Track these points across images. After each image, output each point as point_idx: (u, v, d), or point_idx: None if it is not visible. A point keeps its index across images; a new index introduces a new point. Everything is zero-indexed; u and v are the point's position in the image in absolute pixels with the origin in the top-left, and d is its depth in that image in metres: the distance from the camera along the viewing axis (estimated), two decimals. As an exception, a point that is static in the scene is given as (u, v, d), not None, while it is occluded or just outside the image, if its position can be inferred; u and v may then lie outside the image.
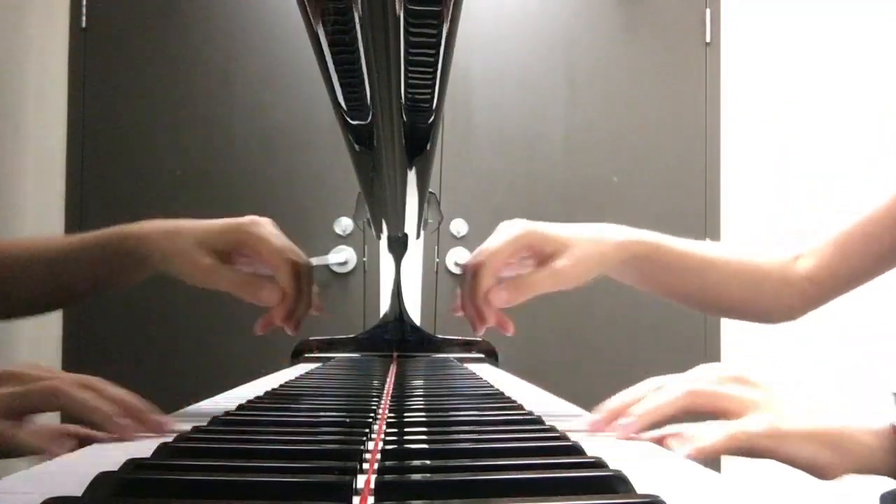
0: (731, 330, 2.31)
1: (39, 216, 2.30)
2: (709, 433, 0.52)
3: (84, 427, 0.54)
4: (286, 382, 0.82)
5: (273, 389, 0.73)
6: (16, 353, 2.17)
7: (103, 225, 0.70)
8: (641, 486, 0.34)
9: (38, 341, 2.23)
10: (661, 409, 0.56)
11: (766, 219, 2.38)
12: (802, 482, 0.56)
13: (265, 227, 0.67)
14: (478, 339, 1.25)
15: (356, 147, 0.69)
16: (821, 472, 0.54)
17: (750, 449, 0.53)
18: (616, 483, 0.33)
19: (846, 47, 2.39)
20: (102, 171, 2.33)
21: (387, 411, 0.59)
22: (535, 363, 1.90)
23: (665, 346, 2.30)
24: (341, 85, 0.56)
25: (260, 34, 2.35)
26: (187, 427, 0.51)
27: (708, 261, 0.82)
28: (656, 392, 0.59)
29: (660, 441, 0.55)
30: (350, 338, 1.25)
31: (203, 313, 2.23)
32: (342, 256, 2.31)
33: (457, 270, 2.34)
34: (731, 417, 0.55)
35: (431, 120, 0.63)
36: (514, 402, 0.65)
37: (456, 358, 1.22)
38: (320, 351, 1.23)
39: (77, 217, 2.30)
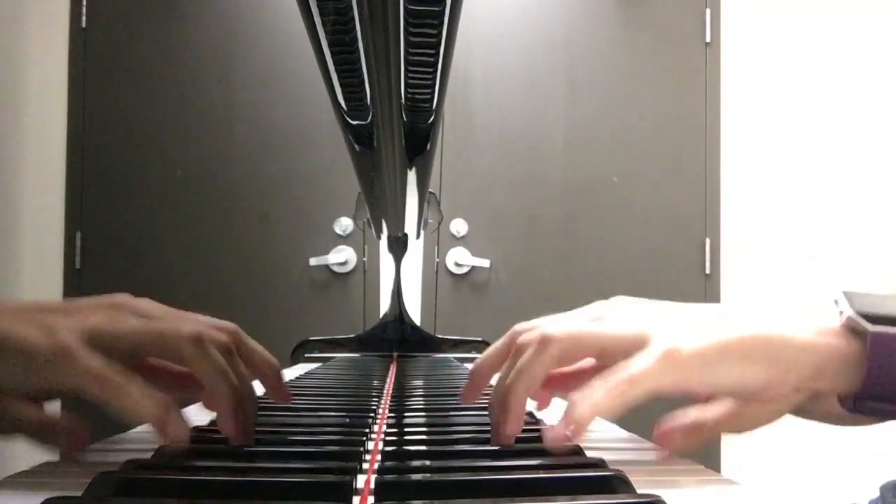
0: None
1: (39, 216, 2.30)
2: (586, 395, 0.39)
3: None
4: (286, 382, 0.82)
5: (273, 389, 0.73)
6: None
7: (103, 224, 0.69)
8: (641, 486, 0.34)
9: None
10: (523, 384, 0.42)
11: (766, 218, 2.38)
12: (803, 482, 0.55)
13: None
14: (477, 339, 1.25)
15: (356, 147, 0.69)
16: (759, 394, 0.40)
17: (650, 391, 0.39)
18: (616, 483, 0.33)
19: (846, 47, 2.39)
20: (102, 170, 2.33)
21: (387, 411, 0.59)
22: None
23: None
24: (341, 85, 0.56)
25: (260, 34, 2.35)
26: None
27: None
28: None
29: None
30: (350, 338, 1.25)
31: (203, 312, 2.23)
32: (342, 256, 2.31)
33: (457, 270, 2.34)
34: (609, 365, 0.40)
35: (431, 120, 0.63)
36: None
37: (456, 358, 1.22)
38: (320, 351, 1.23)
39: (77, 217, 2.30)
